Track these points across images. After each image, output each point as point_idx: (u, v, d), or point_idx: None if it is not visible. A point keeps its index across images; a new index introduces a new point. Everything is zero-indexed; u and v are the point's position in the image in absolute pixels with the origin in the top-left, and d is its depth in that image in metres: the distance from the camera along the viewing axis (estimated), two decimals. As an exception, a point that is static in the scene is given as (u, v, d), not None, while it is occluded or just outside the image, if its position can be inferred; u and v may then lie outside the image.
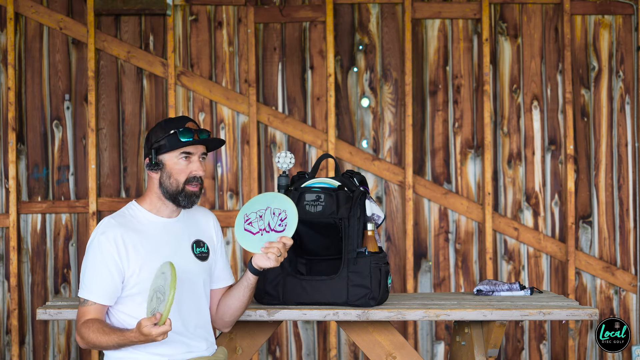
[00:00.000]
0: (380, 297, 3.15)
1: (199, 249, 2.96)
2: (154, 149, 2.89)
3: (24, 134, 4.99)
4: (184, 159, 2.89)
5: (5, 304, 4.95)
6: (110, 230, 2.84)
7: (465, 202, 5.05)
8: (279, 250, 2.89)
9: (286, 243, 2.90)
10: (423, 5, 5.05)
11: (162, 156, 2.89)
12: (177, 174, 2.89)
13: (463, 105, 5.08)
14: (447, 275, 5.06)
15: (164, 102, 5.01)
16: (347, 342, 5.00)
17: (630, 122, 5.10)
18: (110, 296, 2.82)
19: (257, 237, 2.93)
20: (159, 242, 2.88)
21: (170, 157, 2.89)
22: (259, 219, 2.95)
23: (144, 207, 2.93)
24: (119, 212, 2.92)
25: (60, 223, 4.98)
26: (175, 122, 2.92)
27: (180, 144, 2.87)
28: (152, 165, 2.89)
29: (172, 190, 2.89)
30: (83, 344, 2.80)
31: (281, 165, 3.27)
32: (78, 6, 4.99)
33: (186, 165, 2.89)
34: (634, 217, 5.08)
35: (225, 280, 3.05)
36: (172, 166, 2.89)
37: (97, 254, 2.82)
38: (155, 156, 2.89)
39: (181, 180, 2.89)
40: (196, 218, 3.02)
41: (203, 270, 2.96)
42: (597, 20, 5.10)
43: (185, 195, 2.90)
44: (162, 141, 2.88)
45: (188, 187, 2.89)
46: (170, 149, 2.88)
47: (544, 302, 3.26)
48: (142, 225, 2.89)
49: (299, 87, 5.06)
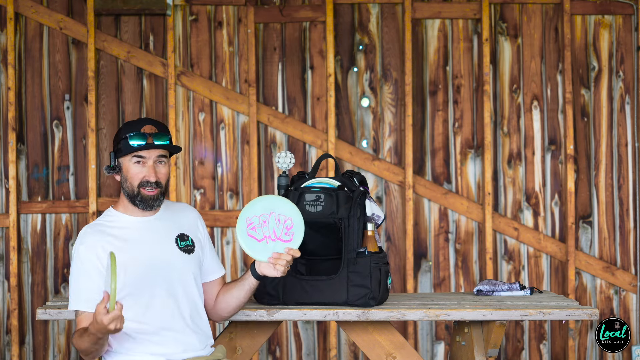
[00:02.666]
0: (380, 297, 3.15)
1: (184, 242, 2.96)
2: (113, 152, 2.93)
3: (24, 134, 4.99)
4: (138, 163, 2.90)
5: (5, 304, 4.95)
6: (87, 239, 2.86)
7: (465, 202, 5.05)
8: (287, 262, 2.90)
9: (294, 255, 2.91)
10: (423, 5, 5.05)
11: (120, 159, 2.92)
12: (131, 178, 2.90)
13: (463, 105, 5.08)
14: (447, 275, 5.06)
15: (164, 102, 5.01)
16: (347, 342, 5.00)
17: (630, 122, 5.10)
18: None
19: (262, 245, 2.93)
20: (140, 241, 2.89)
21: (124, 161, 2.91)
22: (262, 224, 2.94)
23: (120, 210, 2.95)
24: (96, 221, 2.96)
25: (60, 223, 4.98)
26: (131, 125, 2.92)
27: (131, 148, 2.88)
28: (110, 168, 2.93)
29: (130, 193, 2.91)
30: (80, 353, 2.82)
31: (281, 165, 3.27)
32: (78, 6, 4.99)
33: (140, 169, 2.90)
34: (634, 217, 5.08)
35: (215, 272, 3.06)
36: (127, 170, 2.91)
37: (79, 264, 2.85)
38: (114, 159, 2.92)
39: (135, 184, 2.90)
40: (177, 214, 3.02)
41: (192, 264, 2.95)
42: (597, 20, 5.10)
43: (142, 199, 2.91)
44: (119, 144, 2.90)
45: (143, 191, 2.90)
46: (125, 153, 2.89)
47: (544, 302, 3.26)
48: (120, 228, 2.91)
49: (299, 87, 5.06)
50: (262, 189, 5.00)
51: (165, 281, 2.87)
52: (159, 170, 2.91)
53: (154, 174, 2.89)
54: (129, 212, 2.94)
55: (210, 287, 3.05)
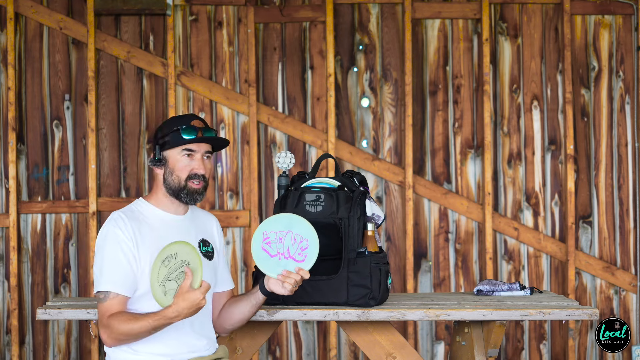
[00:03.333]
0: (380, 297, 3.15)
1: (206, 248, 2.97)
2: (158, 145, 2.91)
3: (24, 134, 4.99)
4: (187, 156, 2.90)
5: (5, 304, 4.95)
6: (123, 223, 2.83)
7: (465, 202, 5.05)
8: (296, 282, 2.90)
9: (304, 276, 2.91)
10: (423, 5, 5.05)
11: (166, 152, 2.91)
12: (179, 170, 2.89)
13: (463, 105, 5.08)
14: (447, 275, 5.06)
15: (164, 102, 5.01)
16: (347, 342, 5.00)
17: (630, 122, 5.10)
18: (130, 287, 2.79)
19: (274, 261, 2.93)
20: (167, 238, 2.86)
21: (173, 154, 2.90)
22: (278, 241, 2.93)
23: (152, 203, 2.94)
24: (127, 208, 2.92)
25: (60, 223, 4.98)
26: (181, 119, 2.93)
27: (183, 140, 2.88)
28: (156, 161, 2.91)
29: (175, 186, 2.89)
30: (111, 338, 2.76)
31: (281, 165, 3.27)
32: (78, 6, 4.99)
33: (188, 162, 2.90)
34: (634, 217, 5.08)
35: (226, 284, 3.06)
36: (175, 163, 2.90)
37: (114, 244, 2.80)
38: (159, 152, 2.90)
39: (183, 177, 2.89)
40: (201, 218, 3.03)
41: (210, 269, 2.96)
42: (597, 20, 5.10)
43: (188, 192, 2.90)
44: (167, 137, 2.90)
45: (190, 183, 2.90)
46: (173, 145, 2.89)
47: (544, 302, 3.26)
48: (150, 220, 2.90)
49: (299, 87, 5.06)
50: (262, 189, 5.00)
51: None
52: (205, 164, 2.92)
53: (203, 167, 2.90)
54: (162, 207, 2.92)
55: (218, 297, 3.04)
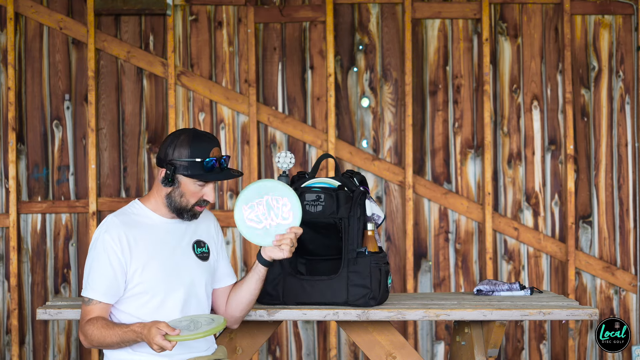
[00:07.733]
0: (380, 297, 3.15)
1: (200, 249, 2.97)
2: (173, 166, 2.86)
3: (24, 134, 4.99)
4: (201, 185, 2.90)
5: (5, 304, 4.95)
6: (114, 228, 2.84)
7: (465, 202, 5.05)
8: (291, 241, 2.91)
9: (297, 233, 2.92)
10: (423, 5, 5.05)
11: (180, 176, 2.88)
12: (189, 195, 2.89)
13: (463, 105, 5.08)
14: (447, 275, 5.06)
15: (164, 102, 5.01)
16: (347, 342, 5.00)
17: (630, 122, 5.10)
18: (114, 295, 2.82)
19: (264, 231, 2.94)
20: (161, 241, 2.88)
21: (187, 181, 2.88)
22: (259, 210, 2.95)
23: (148, 206, 2.93)
24: (122, 211, 2.92)
25: (60, 223, 4.98)
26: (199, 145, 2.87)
27: (204, 177, 2.86)
28: (168, 182, 2.87)
29: (180, 207, 2.90)
30: (86, 342, 2.81)
31: (281, 165, 3.27)
32: (78, 6, 4.99)
33: (200, 189, 2.90)
34: (634, 217, 5.08)
35: (229, 278, 3.07)
36: (187, 188, 2.88)
37: (101, 252, 2.82)
38: (172, 173, 2.87)
39: (192, 202, 2.90)
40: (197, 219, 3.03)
41: (205, 271, 2.96)
42: (597, 20, 5.10)
43: (192, 214, 2.92)
44: (184, 163, 2.86)
45: (196, 207, 2.91)
46: (191, 176, 2.86)
47: (544, 302, 3.26)
48: (145, 224, 2.90)
49: (299, 87, 5.06)
50: (262, 189, 5.00)
51: (180, 285, 2.88)
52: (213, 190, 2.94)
53: (213, 194, 2.92)
54: (158, 212, 2.93)
55: (223, 292, 3.05)
